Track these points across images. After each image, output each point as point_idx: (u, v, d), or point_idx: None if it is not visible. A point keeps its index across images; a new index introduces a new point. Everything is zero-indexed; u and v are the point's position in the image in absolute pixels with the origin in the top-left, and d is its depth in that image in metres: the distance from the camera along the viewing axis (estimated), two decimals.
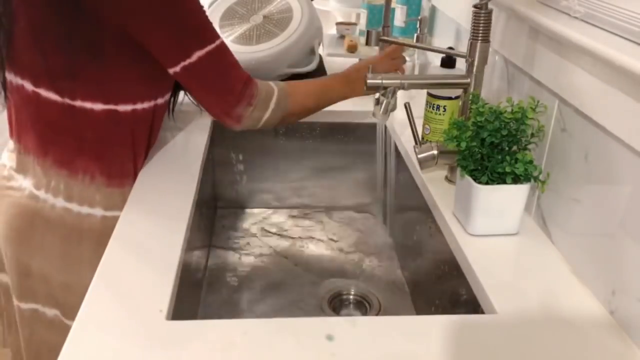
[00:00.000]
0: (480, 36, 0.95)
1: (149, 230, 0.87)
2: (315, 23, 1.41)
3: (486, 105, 0.87)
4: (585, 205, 0.80)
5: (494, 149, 0.87)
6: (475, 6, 0.94)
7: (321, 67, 1.45)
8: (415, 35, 1.48)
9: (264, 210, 1.43)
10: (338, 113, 1.34)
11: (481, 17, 0.94)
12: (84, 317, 0.70)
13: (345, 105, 1.15)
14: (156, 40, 0.92)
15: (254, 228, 1.36)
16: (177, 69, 0.94)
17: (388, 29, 1.42)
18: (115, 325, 0.69)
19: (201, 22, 0.95)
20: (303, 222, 1.38)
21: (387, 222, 1.37)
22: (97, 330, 0.68)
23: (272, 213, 1.42)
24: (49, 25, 0.91)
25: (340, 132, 1.38)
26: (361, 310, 1.14)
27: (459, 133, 0.88)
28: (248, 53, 1.32)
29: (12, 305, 1.07)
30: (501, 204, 0.86)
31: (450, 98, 1.08)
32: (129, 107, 0.97)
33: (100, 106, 0.95)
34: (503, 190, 0.85)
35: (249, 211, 1.42)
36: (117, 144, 1.00)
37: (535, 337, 0.69)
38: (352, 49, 1.70)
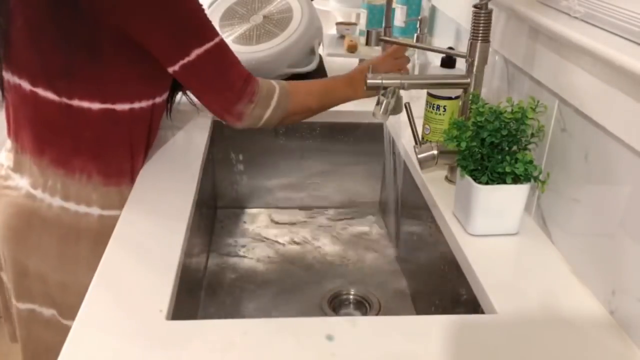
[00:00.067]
0: (480, 36, 0.95)
1: (149, 230, 0.87)
2: (315, 23, 1.41)
3: (486, 105, 0.87)
4: (585, 205, 0.80)
5: (494, 149, 0.87)
6: (475, 6, 0.94)
7: (321, 67, 1.45)
8: (415, 35, 1.48)
9: (263, 210, 1.43)
10: (338, 113, 1.34)
11: (481, 17, 0.94)
12: (84, 317, 0.70)
13: (346, 105, 1.15)
14: (155, 39, 0.92)
15: (253, 228, 1.36)
16: (177, 67, 0.94)
17: (390, 29, 1.42)
18: (115, 325, 0.69)
19: (199, 21, 0.94)
20: (303, 222, 1.38)
21: (387, 222, 1.37)
22: (97, 330, 0.68)
23: (272, 213, 1.42)
24: (46, 25, 0.91)
25: (340, 132, 1.38)
26: (361, 310, 1.14)
27: (459, 133, 0.88)
28: (248, 53, 1.32)
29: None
30: (501, 204, 0.86)
31: (450, 98, 1.08)
32: (126, 107, 0.97)
33: (97, 105, 0.95)
34: (503, 190, 0.85)
35: (249, 211, 1.42)
36: (115, 143, 0.99)
37: (535, 337, 0.69)
38: (352, 49, 1.70)
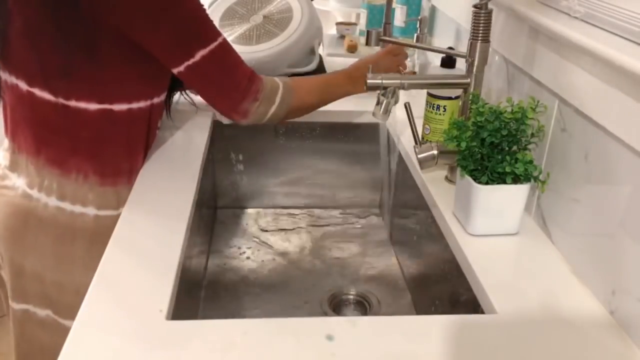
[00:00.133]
0: (480, 36, 0.95)
1: (149, 230, 0.87)
2: (315, 23, 1.41)
3: (486, 105, 0.87)
4: (585, 205, 0.80)
5: (494, 149, 0.87)
6: (475, 6, 0.94)
7: (321, 67, 1.45)
8: (415, 35, 1.48)
9: (263, 210, 1.43)
10: (338, 113, 1.34)
11: (481, 17, 0.94)
12: (84, 317, 0.70)
13: (346, 105, 1.15)
14: (158, 41, 0.92)
15: (253, 228, 1.36)
16: (182, 68, 0.95)
17: (389, 26, 1.43)
18: (115, 326, 0.69)
19: (202, 22, 0.95)
20: (302, 222, 1.38)
21: (387, 222, 1.37)
22: (97, 331, 0.68)
23: (272, 213, 1.42)
24: (45, 25, 0.90)
25: (340, 132, 1.38)
26: (361, 310, 1.14)
27: (459, 133, 0.88)
28: (248, 53, 1.31)
29: None
30: (501, 204, 0.86)
31: (450, 98, 1.08)
32: (124, 107, 0.97)
33: (94, 106, 0.95)
34: (503, 190, 0.85)
35: (249, 211, 1.42)
36: (112, 143, 0.99)
37: (535, 337, 0.69)
38: (352, 49, 1.70)
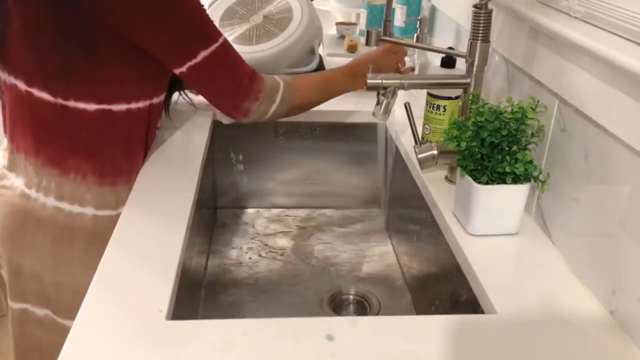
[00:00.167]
0: (480, 36, 0.95)
1: (149, 230, 0.87)
2: (315, 23, 1.41)
3: (486, 105, 0.87)
4: (585, 205, 0.80)
5: (494, 149, 0.86)
6: (475, 6, 0.94)
7: (321, 67, 1.45)
8: (415, 35, 1.48)
9: (264, 210, 1.43)
10: (338, 113, 1.34)
11: (481, 17, 0.94)
12: (84, 317, 0.70)
13: (346, 105, 1.15)
14: (159, 42, 0.92)
15: (253, 228, 1.36)
16: (183, 69, 0.95)
17: (389, 23, 1.43)
18: (115, 325, 0.69)
19: (203, 22, 0.95)
20: (303, 222, 1.38)
21: (387, 222, 1.37)
22: (97, 331, 0.68)
23: (272, 213, 1.42)
24: (44, 25, 0.90)
25: (340, 132, 1.38)
26: (361, 310, 1.14)
27: (459, 133, 0.88)
28: (248, 53, 1.31)
29: None
30: (501, 204, 0.86)
31: (450, 98, 1.08)
32: (123, 107, 0.97)
33: (93, 106, 0.95)
34: (503, 190, 0.85)
35: (249, 211, 1.42)
36: (111, 143, 0.99)
37: (535, 337, 0.69)
38: (352, 49, 1.70)
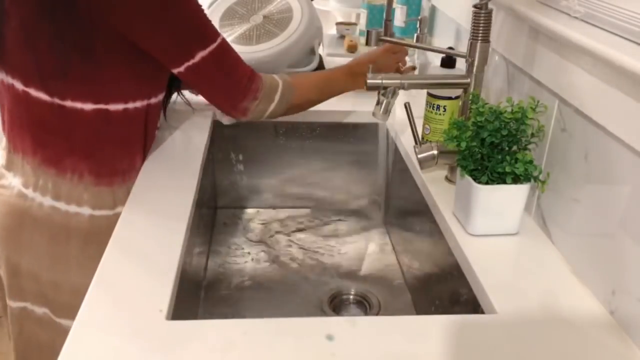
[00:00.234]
0: (480, 36, 0.95)
1: (149, 230, 0.87)
2: (315, 23, 1.41)
3: (486, 105, 0.87)
4: (585, 205, 0.80)
5: (494, 149, 0.86)
6: (475, 6, 0.94)
7: (321, 67, 1.45)
8: (415, 35, 1.48)
9: (264, 210, 1.42)
10: (338, 113, 1.34)
11: (481, 17, 0.94)
12: (84, 317, 0.70)
13: (346, 105, 1.15)
14: (157, 43, 0.92)
15: (253, 228, 1.36)
16: (182, 69, 0.95)
17: (390, 23, 1.43)
18: (115, 326, 0.69)
19: (201, 22, 0.95)
20: (303, 222, 1.38)
21: (387, 222, 1.37)
22: (97, 331, 0.68)
23: (272, 213, 1.42)
24: (41, 25, 0.90)
25: (340, 132, 1.38)
26: (361, 310, 1.14)
27: (459, 133, 0.88)
28: (248, 53, 1.31)
29: None
30: (501, 204, 0.86)
31: (450, 98, 1.08)
32: (120, 107, 0.97)
33: (90, 106, 0.95)
34: (503, 190, 0.85)
35: (249, 211, 1.42)
36: (108, 143, 0.99)
37: (535, 337, 0.69)
38: (352, 49, 1.70)
